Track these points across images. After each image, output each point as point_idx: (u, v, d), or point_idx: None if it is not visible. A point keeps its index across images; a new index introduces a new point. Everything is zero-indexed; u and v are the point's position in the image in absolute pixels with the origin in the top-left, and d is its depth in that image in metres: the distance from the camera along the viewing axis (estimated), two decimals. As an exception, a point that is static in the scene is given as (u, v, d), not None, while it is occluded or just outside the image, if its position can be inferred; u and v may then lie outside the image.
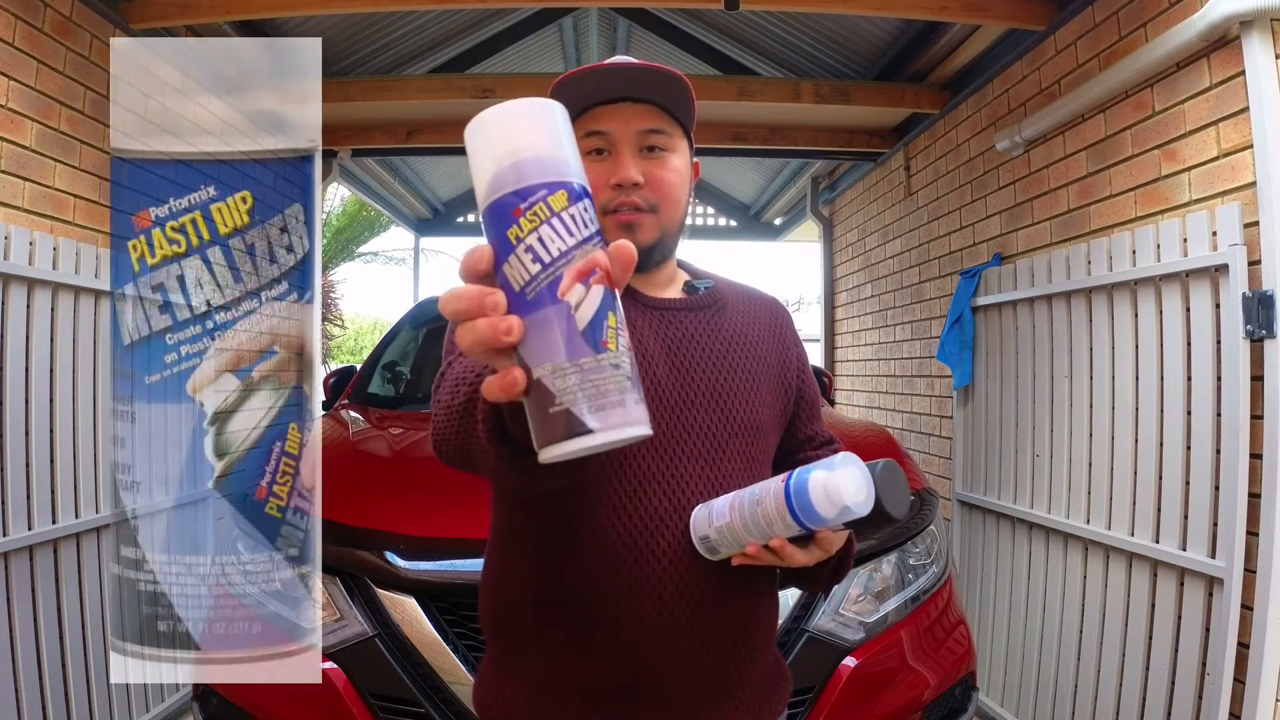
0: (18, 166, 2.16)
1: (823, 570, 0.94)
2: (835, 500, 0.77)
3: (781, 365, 1.04)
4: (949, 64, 3.22)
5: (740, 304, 1.05)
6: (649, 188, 0.94)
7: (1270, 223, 1.74)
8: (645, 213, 0.94)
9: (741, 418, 0.96)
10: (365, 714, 1.50)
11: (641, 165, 0.94)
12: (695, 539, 0.88)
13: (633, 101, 0.94)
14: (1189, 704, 1.93)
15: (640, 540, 0.88)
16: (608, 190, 0.93)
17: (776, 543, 0.82)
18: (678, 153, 0.97)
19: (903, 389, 4.02)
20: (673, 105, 0.95)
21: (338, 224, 12.06)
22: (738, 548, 0.85)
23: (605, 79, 0.93)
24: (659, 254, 0.97)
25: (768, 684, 1.01)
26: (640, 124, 0.94)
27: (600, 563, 0.88)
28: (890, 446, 2.16)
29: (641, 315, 0.97)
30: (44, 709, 2.12)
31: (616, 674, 0.89)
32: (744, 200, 6.70)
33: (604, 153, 0.94)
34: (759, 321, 1.05)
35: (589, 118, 0.94)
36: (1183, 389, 1.99)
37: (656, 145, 0.95)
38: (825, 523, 0.79)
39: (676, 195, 0.96)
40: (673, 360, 0.95)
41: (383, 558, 1.57)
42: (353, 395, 2.90)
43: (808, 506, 0.78)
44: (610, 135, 0.94)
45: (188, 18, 2.64)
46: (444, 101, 3.49)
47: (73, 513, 2.26)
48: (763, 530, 0.82)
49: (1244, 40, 1.80)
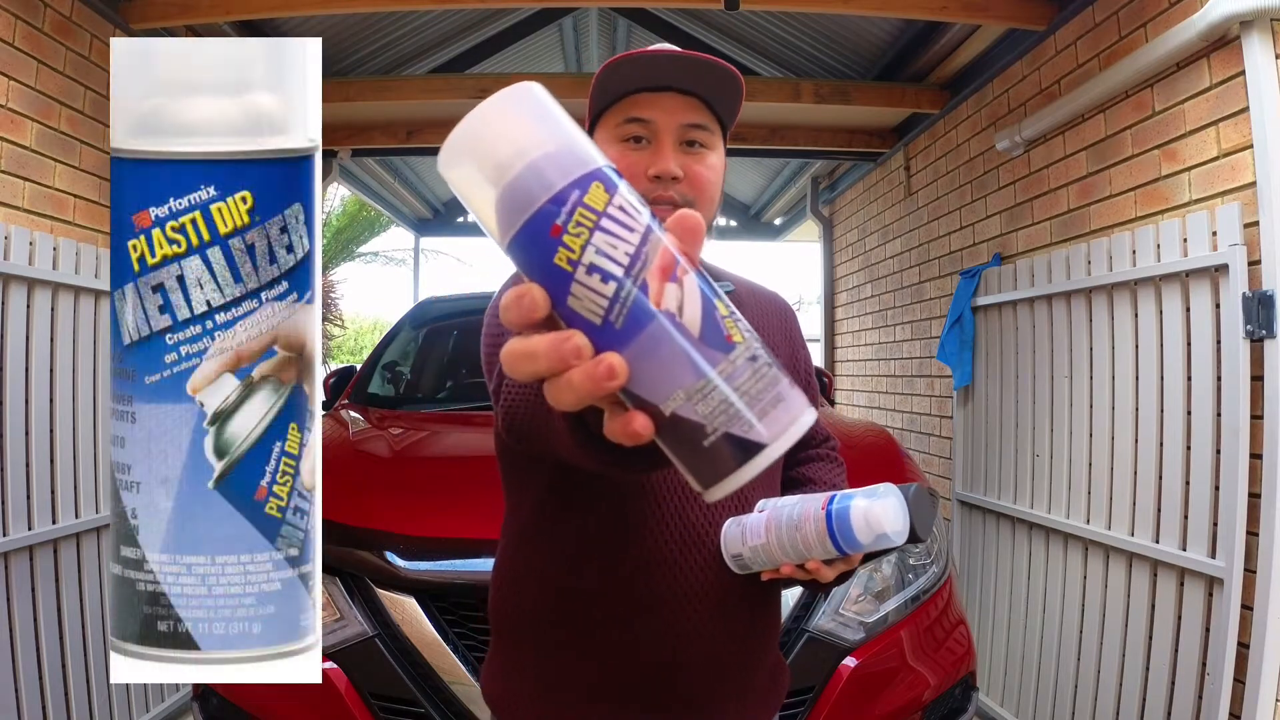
0: (18, 166, 2.16)
1: None
2: (876, 529, 0.80)
3: (792, 367, 1.04)
4: (949, 64, 3.22)
5: (755, 306, 1.05)
6: (687, 183, 0.90)
7: (1270, 223, 1.74)
8: (681, 208, 0.92)
9: None
10: (365, 714, 1.50)
11: (681, 159, 0.90)
12: (727, 555, 0.89)
13: (679, 92, 0.90)
14: (1189, 704, 1.93)
15: (677, 552, 0.88)
16: (644, 180, 0.89)
17: (813, 565, 0.83)
18: (716, 151, 0.93)
19: (903, 389, 4.02)
20: (718, 102, 0.92)
21: (338, 224, 12.06)
22: (771, 566, 0.86)
23: (654, 65, 0.89)
24: None
25: (770, 683, 1.01)
26: (684, 117, 0.90)
27: (635, 570, 0.88)
28: (890, 446, 2.16)
29: None
30: (44, 709, 2.12)
31: (639, 676, 0.89)
32: (744, 200, 6.70)
33: (643, 141, 0.91)
34: (772, 323, 1.05)
35: (630, 103, 0.91)
36: (1183, 389, 1.99)
37: (697, 140, 0.91)
38: (863, 548, 0.82)
39: (713, 195, 0.93)
40: None
41: (383, 558, 1.57)
42: (353, 395, 2.90)
43: (849, 534, 0.81)
44: (653, 124, 0.90)
45: (188, 18, 2.64)
46: (444, 101, 3.49)
47: (73, 513, 2.26)
48: (800, 553, 0.84)
49: (1244, 40, 1.80)
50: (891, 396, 4.18)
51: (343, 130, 4.01)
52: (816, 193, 5.38)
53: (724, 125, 0.96)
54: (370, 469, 1.97)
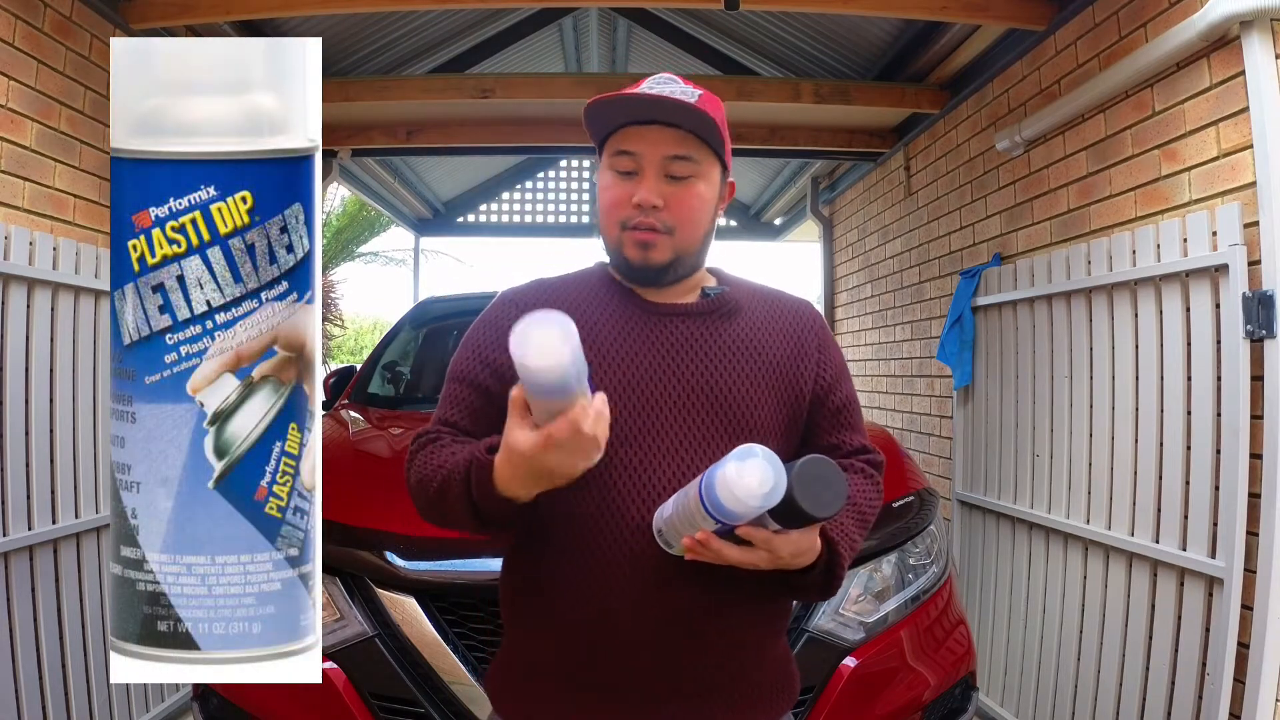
0: (18, 166, 2.16)
1: (803, 580, 0.94)
2: (735, 491, 0.77)
3: (794, 371, 1.04)
4: (949, 64, 3.22)
5: (757, 310, 1.07)
6: (669, 210, 0.98)
7: (1270, 223, 1.74)
8: (661, 234, 0.98)
9: (734, 418, 0.98)
10: (365, 714, 1.50)
11: (664, 189, 0.98)
12: (655, 531, 0.90)
13: (663, 125, 0.97)
14: (1189, 704, 1.93)
15: (613, 531, 0.93)
16: (629, 208, 0.98)
17: (701, 535, 0.83)
18: (703, 178, 1.00)
19: (903, 389, 4.02)
20: (703, 131, 0.98)
21: (338, 224, 12.05)
22: (679, 540, 0.86)
23: (629, 104, 0.97)
24: (673, 273, 1.01)
25: (765, 688, 1.02)
26: (668, 149, 0.97)
27: (568, 551, 0.95)
28: (890, 446, 2.16)
29: (639, 318, 1.01)
30: (44, 709, 2.12)
31: (585, 660, 0.95)
32: (744, 200, 6.70)
33: (632, 174, 0.98)
34: (774, 327, 1.06)
35: (621, 136, 0.99)
36: (1183, 389, 1.99)
37: (681, 172, 0.98)
38: (735, 515, 0.79)
39: (695, 219, 1.00)
40: (662, 361, 0.98)
41: (383, 558, 1.57)
42: (353, 395, 2.90)
43: (715, 498, 0.78)
44: (639, 156, 0.98)
45: (188, 18, 2.64)
46: (444, 101, 3.49)
47: (73, 513, 2.26)
48: (691, 523, 0.82)
49: (1244, 40, 1.80)
50: (891, 396, 4.18)
51: (343, 130, 4.01)
52: (816, 193, 5.38)
53: (717, 152, 1.01)
54: (370, 469, 1.97)
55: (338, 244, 12.03)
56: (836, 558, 0.95)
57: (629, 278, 1.03)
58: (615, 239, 1.00)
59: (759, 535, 0.84)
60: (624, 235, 0.99)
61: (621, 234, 0.99)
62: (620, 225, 0.99)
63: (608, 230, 1.01)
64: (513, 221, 6.86)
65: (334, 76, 3.65)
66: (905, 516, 1.82)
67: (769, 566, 0.87)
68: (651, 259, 0.98)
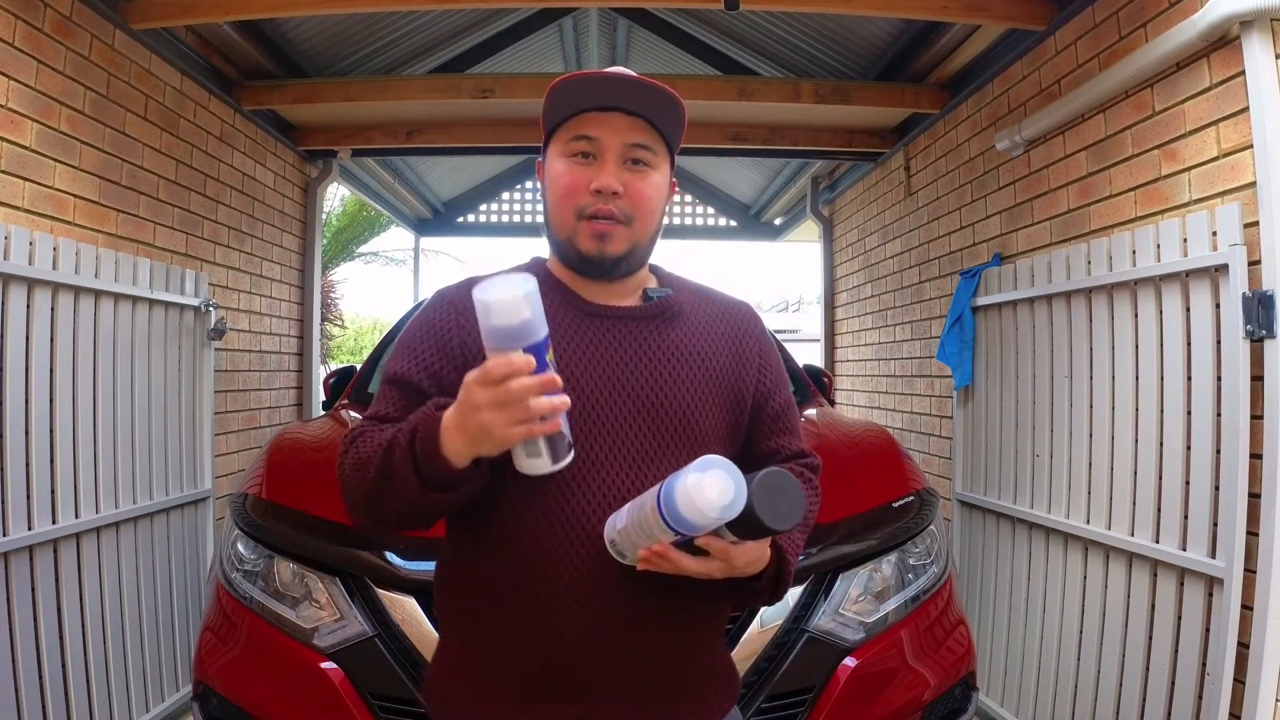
0: (18, 166, 2.16)
1: (752, 586, 0.94)
2: (696, 503, 0.76)
3: (735, 375, 1.03)
4: (949, 64, 3.22)
5: (699, 313, 1.05)
6: (627, 199, 0.96)
7: (1270, 223, 1.74)
8: (620, 224, 0.96)
9: (677, 425, 0.96)
10: (365, 714, 1.50)
11: (624, 176, 0.96)
12: (607, 542, 0.88)
13: (625, 113, 0.95)
14: (1189, 704, 1.93)
15: (552, 537, 0.91)
16: (587, 194, 0.95)
17: (659, 547, 0.82)
18: (659, 171, 0.99)
19: (903, 389, 4.02)
20: (663, 123, 0.97)
21: (338, 224, 12.05)
22: (634, 551, 0.85)
23: (602, 86, 0.95)
24: (626, 266, 0.99)
25: (711, 687, 1.02)
26: (629, 136, 0.96)
27: (511, 555, 0.92)
28: (890, 446, 2.16)
29: (581, 322, 0.98)
30: (44, 709, 2.12)
31: (524, 664, 0.93)
32: (744, 200, 6.70)
33: (590, 157, 0.96)
34: (716, 332, 1.04)
35: (579, 121, 0.97)
36: (1183, 389, 1.99)
37: (641, 159, 0.97)
38: (695, 527, 0.79)
39: (652, 209, 0.99)
40: (603, 366, 0.96)
41: (383, 558, 1.57)
42: (353, 395, 2.90)
43: (674, 509, 0.78)
44: (599, 141, 0.96)
45: (188, 18, 2.63)
46: (444, 101, 3.48)
47: (73, 513, 2.26)
48: (649, 534, 0.81)
49: (1244, 40, 1.80)
50: (891, 396, 4.18)
51: (343, 130, 4.01)
52: (816, 193, 5.38)
53: (670, 148, 1.01)
54: (370, 469, 1.97)
55: (338, 244, 12.03)
56: (785, 565, 0.95)
57: (579, 270, 0.99)
58: (569, 228, 0.97)
59: (717, 546, 0.84)
60: (580, 225, 0.96)
61: (577, 224, 0.96)
62: (576, 214, 0.96)
63: (560, 219, 0.98)
64: (513, 221, 6.85)
65: (334, 76, 3.65)
66: (905, 516, 1.82)
67: (723, 576, 0.87)
68: (607, 251, 0.96)
